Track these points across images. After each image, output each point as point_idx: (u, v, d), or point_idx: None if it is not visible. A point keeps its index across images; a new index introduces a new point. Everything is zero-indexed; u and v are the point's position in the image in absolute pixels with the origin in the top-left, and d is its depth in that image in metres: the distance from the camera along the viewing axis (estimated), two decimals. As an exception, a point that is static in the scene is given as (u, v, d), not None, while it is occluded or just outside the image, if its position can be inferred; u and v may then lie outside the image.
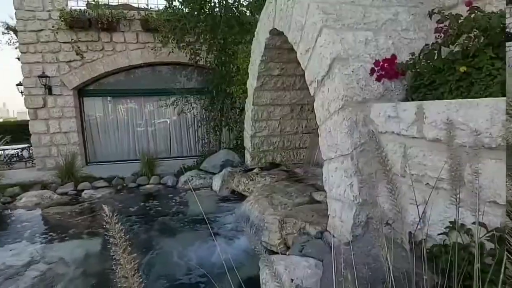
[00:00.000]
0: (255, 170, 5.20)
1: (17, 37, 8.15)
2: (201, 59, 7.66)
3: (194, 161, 7.34)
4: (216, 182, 5.66)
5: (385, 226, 1.89)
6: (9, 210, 5.20)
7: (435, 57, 2.12)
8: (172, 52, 7.61)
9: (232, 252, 3.17)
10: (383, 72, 2.25)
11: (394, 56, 2.28)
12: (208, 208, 4.74)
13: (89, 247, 3.55)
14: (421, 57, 2.23)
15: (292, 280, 1.95)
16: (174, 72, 8.92)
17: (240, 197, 4.85)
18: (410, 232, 1.70)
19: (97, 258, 3.31)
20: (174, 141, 9.46)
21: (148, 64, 8.65)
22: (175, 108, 8.17)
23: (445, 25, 2.19)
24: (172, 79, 8.71)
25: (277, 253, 2.84)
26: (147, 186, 6.32)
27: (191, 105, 8.08)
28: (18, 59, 8.18)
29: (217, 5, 7.24)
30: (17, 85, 8.72)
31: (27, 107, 7.97)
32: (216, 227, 3.91)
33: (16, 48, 9.43)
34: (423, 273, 1.09)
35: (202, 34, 7.18)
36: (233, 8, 7.25)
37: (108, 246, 0.59)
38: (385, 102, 2.23)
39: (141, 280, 0.59)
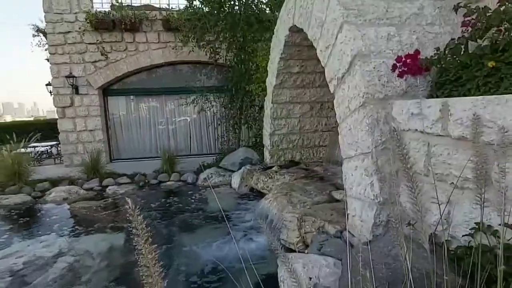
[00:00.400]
0: (274, 168, 5.20)
1: (46, 39, 8.52)
2: (220, 58, 7.73)
3: (213, 158, 7.43)
4: (235, 180, 5.70)
5: (406, 226, 1.84)
6: (40, 204, 5.47)
7: (462, 52, 2.04)
8: (193, 51, 7.73)
9: (250, 249, 3.19)
10: (406, 68, 2.18)
11: (417, 52, 2.21)
12: (227, 205, 4.79)
13: (113, 240, 3.68)
14: (446, 52, 2.15)
15: (310, 278, 1.94)
16: (194, 71, 9.06)
17: (259, 194, 4.87)
18: (432, 233, 1.65)
19: (120, 252, 3.43)
20: (194, 139, 9.61)
21: (169, 63, 8.83)
22: (195, 106, 8.30)
23: (472, 19, 2.10)
24: (192, 77, 8.85)
25: (295, 251, 2.83)
26: (168, 183, 6.46)
27: (210, 103, 8.18)
28: (48, 60, 8.57)
29: (236, 3, 7.27)
30: (46, 85, 9.12)
31: (55, 106, 8.35)
32: (234, 224, 3.94)
33: (45, 49, 9.85)
34: (444, 275, 1.06)
35: (221, 32, 7.24)
36: (253, 5, 7.26)
37: (131, 240, 0.62)
38: (408, 99, 2.17)
39: (161, 270, 0.61)
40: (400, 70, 2.21)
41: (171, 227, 4.09)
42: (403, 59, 2.18)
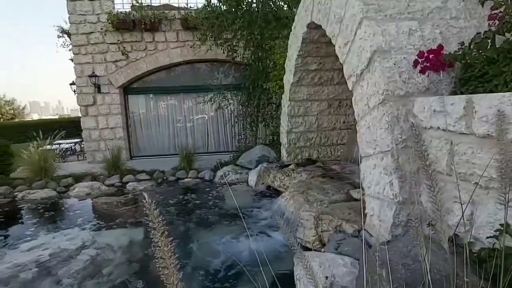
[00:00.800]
0: (291, 166, 5.18)
1: (70, 40, 8.82)
2: (238, 56, 7.76)
3: (230, 156, 7.46)
4: (252, 178, 5.72)
5: (427, 226, 1.79)
6: (64, 199, 5.68)
7: (488, 46, 1.95)
8: (210, 49, 7.79)
9: (266, 247, 3.19)
10: (428, 64, 2.12)
11: (440, 46, 2.14)
12: (243, 203, 4.81)
13: (133, 235, 3.78)
14: (472, 46, 2.07)
15: (326, 277, 1.92)
16: (212, 69, 9.14)
17: (275, 192, 4.87)
18: (453, 234, 1.60)
19: (140, 246, 3.51)
20: (212, 137, 9.70)
21: (187, 61, 8.94)
22: (212, 104, 8.36)
23: (500, 11, 2.01)
24: (210, 76, 8.93)
25: (311, 250, 2.81)
26: (186, 179, 6.55)
27: (228, 101, 8.22)
28: (71, 60, 8.87)
29: (254, 1, 7.26)
30: (70, 84, 9.45)
31: (79, 105, 8.64)
32: (251, 221, 3.96)
33: (69, 50, 10.21)
34: (465, 276, 1.02)
35: (239, 30, 7.26)
36: (270, 2, 7.23)
37: (150, 235, 0.63)
38: (431, 96, 2.10)
39: (177, 262, 0.62)
40: (422, 66, 2.14)
41: (188, 223, 4.15)
42: (425, 54, 2.12)
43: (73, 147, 10.67)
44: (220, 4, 7.28)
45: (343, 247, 2.38)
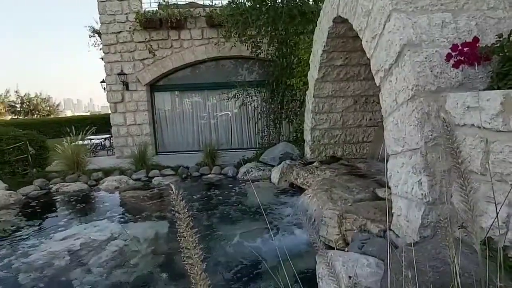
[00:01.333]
0: (314, 164, 5.12)
1: (101, 39, 9.16)
2: (262, 52, 7.74)
3: (253, 153, 7.49)
4: (275, 174, 5.70)
5: (458, 228, 1.71)
6: (94, 192, 5.95)
7: (530, 38, 1.82)
8: (234, 46, 7.82)
9: (288, 244, 3.18)
10: (462, 58, 2.00)
11: (476, 39, 2.02)
12: (266, 199, 4.82)
13: (158, 228, 3.90)
14: (511, 38, 1.94)
15: (350, 277, 1.89)
16: (236, 66, 9.18)
17: (298, 190, 4.83)
18: (488, 237, 1.51)
19: (164, 239, 3.62)
20: (235, 133, 9.76)
21: (211, 58, 9.02)
22: (236, 101, 8.41)
23: (544, 0, 1.87)
24: (234, 72, 8.98)
25: (334, 249, 2.77)
26: (209, 175, 6.64)
27: (251, 98, 8.23)
28: (102, 59, 9.22)
29: (279, -4, 7.20)
30: (101, 82, 9.83)
31: (108, 102, 8.98)
32: (273, 218, 3.95)
33: (100, 49, 10.62)
34: (498, 281, 0.96)
35: (263, 26, 7.22)
36: (296, -3, 7.14)
37: (174, 229, 0.65)
38: (465, 91, 1.99)
39: (201, 253, 0.63)
40: (455, 59, 2.03)
41: (211, 218, 4.21)
42: (459, 47, 2.01)
43: (103, 143, 11.12)
44: (245, 0, 7.28)
45: (367, 247, 2.32)
